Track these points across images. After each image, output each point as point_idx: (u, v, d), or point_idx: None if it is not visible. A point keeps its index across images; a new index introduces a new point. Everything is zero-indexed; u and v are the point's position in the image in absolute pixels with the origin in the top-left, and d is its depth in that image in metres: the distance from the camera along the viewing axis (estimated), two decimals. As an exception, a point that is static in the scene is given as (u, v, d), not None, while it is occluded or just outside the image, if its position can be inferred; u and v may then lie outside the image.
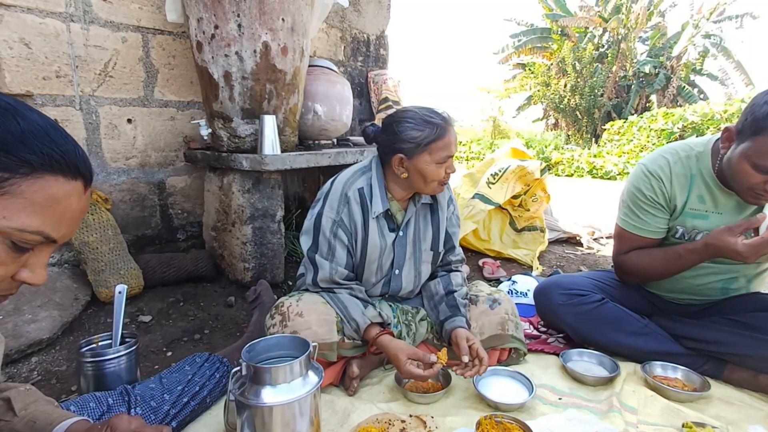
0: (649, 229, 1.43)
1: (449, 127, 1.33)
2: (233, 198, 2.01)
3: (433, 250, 1.50)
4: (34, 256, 0.56)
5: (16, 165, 0.50)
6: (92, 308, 1.76)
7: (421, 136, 1.31)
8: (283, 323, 1.30)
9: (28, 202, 0.52)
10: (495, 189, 2.81)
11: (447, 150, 1.32)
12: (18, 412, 0.79)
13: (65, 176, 0.54)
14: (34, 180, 0.52)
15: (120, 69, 1.98)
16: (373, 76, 3.39)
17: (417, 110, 1.35)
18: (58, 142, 0.55)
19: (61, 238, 0.57)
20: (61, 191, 0.54)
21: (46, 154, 0.53)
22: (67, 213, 0.56)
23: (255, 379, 0.99)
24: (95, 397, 1.07)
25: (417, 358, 1.25)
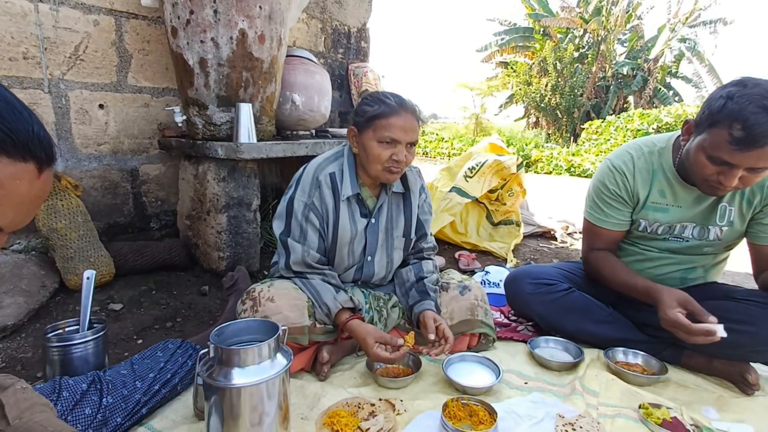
0: (613, 222, 1.48)
1: (401, 111, 1.31)
2: (208, 186, 1.99)
3: (405, 237, 1.52)
4: None
5: None
6: (60, 296, 1.73)
7: (369, 111, 1.33)
8: (254, 308, 1.30)
9: None
10: (472, 183, 2.86)
11: (389, 131, 1.30)
12: (12, 421, 0.75)
13: (10, 157, 0.50)
14: None
15: (91, 53, 1.93)
16: (353, 68, 3.39)
17: (382, 92, 1.38)
18: (6, 118, 0.50)
19: (8, 225, 0.52)
20: (3, 174, 0.49)
21: None
22: (12, 198, 0.51)
23: (223, 362, 0.99)
24: (68, 384, 1.06)
25: (384, 341, 1.27)
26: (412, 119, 1.34)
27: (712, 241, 1.42)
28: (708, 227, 1.41)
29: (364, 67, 3.41)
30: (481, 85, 17.40)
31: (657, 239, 1.48)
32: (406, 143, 1.33)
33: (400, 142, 1.32)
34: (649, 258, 1.51)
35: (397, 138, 1.31)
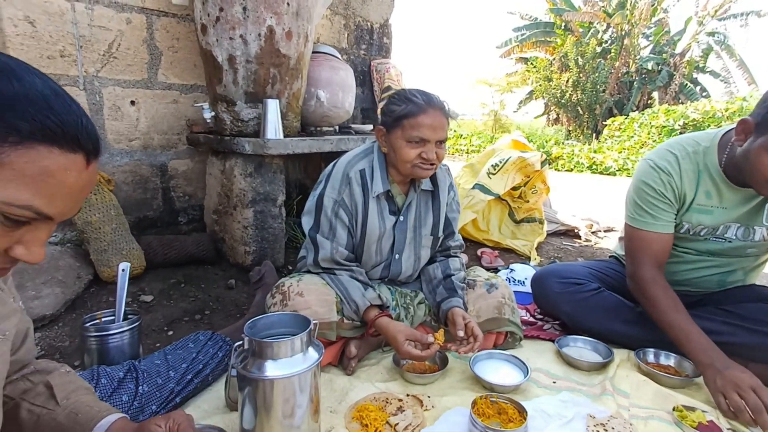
0: (662, 224, 1.38)
1: (429, 110, 1.29)
2: (235, 182, 2.02)
3: (432, 235, 1.52)
4: (31, 233, 0.53)
5: (4, 132, 0.47)
6: (94, 287, 1.78)
7: (397, 110, 1.32)
8: (283, 302, 1.32)
9: (17, 174, 0.48)
10: (495, 180, 2.83)
11: (418, 130, 1.29)
12: (60, 401, 0.78)
13: (61, 148, 0.50)
14: (25, 150, 0.48)
15: (124, 50, 1.98)
16: (375, 64, 3.39)
17: (408, 89, 1.37)
18: (57, 110, 0.50)
19: (57, 215, 0.53)
20: (54, 164, 0.50)
21: (39, 121, 0.48)
22: (63, 188, 0.51)
23: (257, 354, 1.01)
24: (106, 372, 1.09)
25: (415, 339, 1.27)
26: (440, 117, 1.32)
27: (757, 242, 1.37)
28: (753, 227, 1.35)
29: (386, 63, 3.41)
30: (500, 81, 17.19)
31: (697, 240, 1.42)
32: (436, 141, 1.32)
33: (429, 141, 1.31)
34: (686, 260, 1.46)
35: (426, 137, 1.30)
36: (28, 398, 0.80)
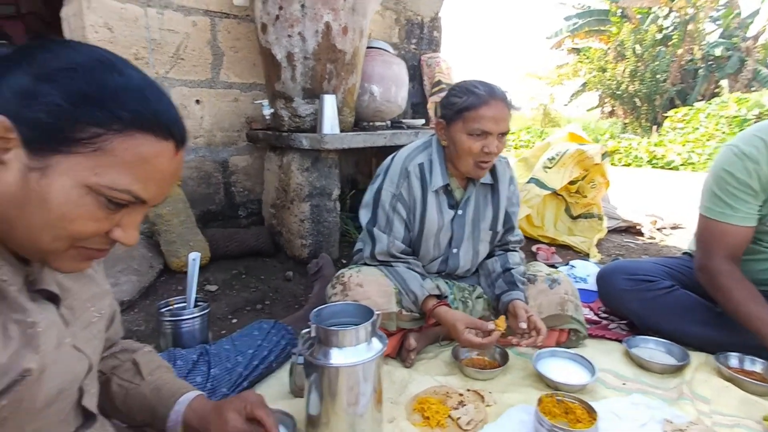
0: (741, 215, 1.28)
1: (491, 101, 1.26)
2: (292, 176, 2.07)
3: (492, 230, 1.48)
4: (127, 217, 0.56)
5: (109, 121, 0.51)
6: (164, 276, 1.89)
7: (458, 102, 1.30)
8: (344, 292, 1.34)
9: (119, 160, 0.52)
10: (551, 174, 2.73)
11: (480, 122, 1.26)
12: (145, 377, 0.83)
13: (156, 136, 0.54)
14: (125, 137, 0.52)
15: (190, 52, 2.08)
16: (426, 58, 3.36)
17: (470, 80, 1.34)
18: (152, 101, 0.54)
19: (151, 199, 0.57)
20: (150, 150, 0.54)
21: (138, 111, 0.52)
22: (156, 174, 0.55)
23: (323, 341, 1.03)
24: (182, 354, 1.16)
25: (475, 327, 1.25)
26: (503, 108, 1.29)
27: None
28: None
29: (436, 57, 3.37)
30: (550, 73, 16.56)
31: None
32: (497, 133, 1.29)
33: (491, 134, 1.28)
34: None
35: (488, 129, 1.27)
36: (117, 373, 0.86)
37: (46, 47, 0.55)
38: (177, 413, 0.83)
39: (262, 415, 0.82)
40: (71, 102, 0.51)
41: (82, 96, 0.51)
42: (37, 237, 0.53)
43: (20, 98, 0.51)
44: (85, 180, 0.52)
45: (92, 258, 0.59)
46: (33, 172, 0.51)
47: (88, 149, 0.51)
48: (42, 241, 0.53)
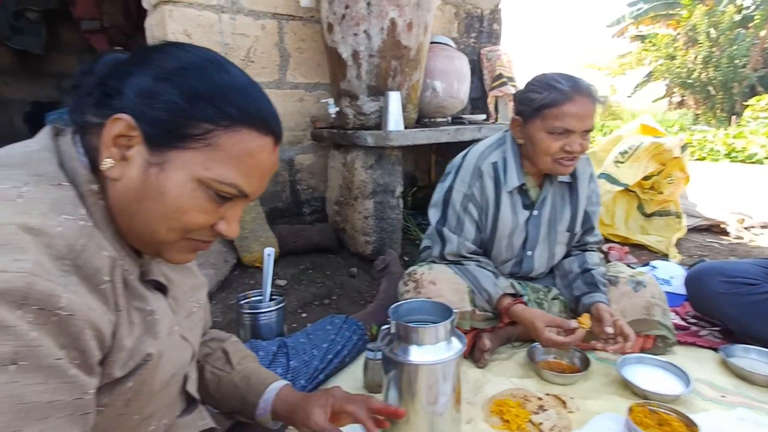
0: None
1: (576, 96, 1.18)
2: (356, 174, 2.09)
3: (569, 231, 1.41)
4: (231, 210, 0.59)
5: (218, 117, 0.54)
6: (237, 270, 1.98)
7: (537, 98, 1.23)
8: (416, 290, 1.33)
9: (226, 155, 0.54)
10: (624, 168, 2.57)
11: (562, 120, 1.18)
12: (235, 365, 0.87)
13: (258, 131, 0.56)
14: (233, 133, 0.54)
15: (259, 54, 2.16)
16: (485, 52, 3.27)
17: (550, 74, 1.27)
18: (255, 97, 0.57)
19: (252, 193, 0.59)
20: (254, 145, 0.56)
21: (243, 107, 0.55)
22: (258, 168, 0.58)
23: (403, 338, 1.03)
24: (262, 346, 1.21)
25: (555, 324, 1.20)
26: (588, 103, 1.20)
27: None
28: None
29: (496, 50, 3.27)
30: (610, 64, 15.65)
31: None
32: (581, 131, 1.21)
33: (575, 132, 1.20)
34: None
35: (571, 127, 1.19)
36: (209, 361, 0.91)
37: (161, 49, 0.59)
38: (266, 402, 0.86)
39: (353, 410, 0.83)
40: (186, 99, 0.54)
41: (195, 94, 0.54)
42: (154, 228, 0.56)
43: (142, 98, 0.54)
44: (197, 174, 0.54)
45: (198, 250, 0.62)
46: (152, 167, 0.54)
47: (200, 144, 0.54)
48: (158, 233, 0.56)
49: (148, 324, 0.59)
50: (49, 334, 0.45)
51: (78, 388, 0.48)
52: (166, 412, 0.69)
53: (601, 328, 1.20)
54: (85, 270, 0.50)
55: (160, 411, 0.67)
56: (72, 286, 0.47)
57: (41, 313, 0.44)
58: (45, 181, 0.52)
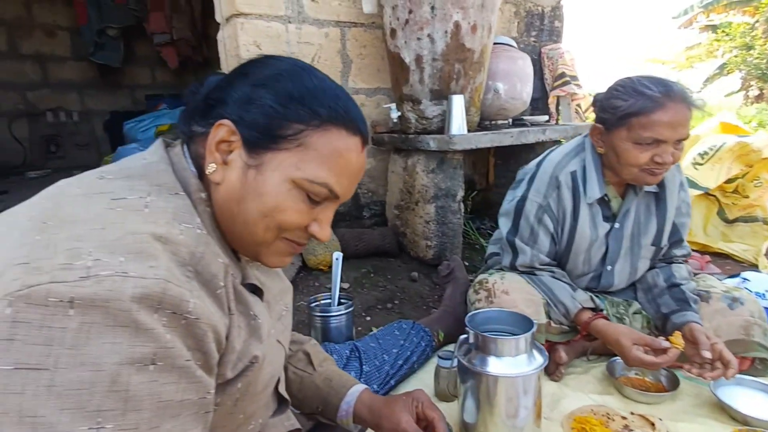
0: None
1: (669, 103, 1.08)
2: (417, 178, 2.09)
3: (655, 245, 1.31)
4: (323, 212, 0.60)
5: (309, 117, 0.56)
6: (302, 273, 2.03)
7: (622, 106, 1.13)
8: (488, 299, 1.30)
9: (317, 154, 0.56)
10: (704, 171, 2.38)
11: (651, 129, 1.08)
12: (316, 367, 0.89)
13: (347, 130, 0.58)
14: (323, 132, 0.56)
15: (323, 62, 2.21)
16: (546, 50, 3.16)
17: (637, 78, 1.17)
18: (343, 99, 0.59)
19: (342, 194, 0.60)
20: (343, 144, 0.57)
21: (333, 108, 0.57)
22: (347, 168, 0.58)
23: (481, 348, 1.01)
24: (336, 349, 1.23)
25: (644, 343, 1.12)
26: (682, 110, 1.09)
27: None
28: None
29: (558, 48, 3.15)
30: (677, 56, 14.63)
31: None
32: (674, 141, 1.11)
33: (666, 142, 1.10)
34: None
35: (663, 137, 1.09)
36: (292, 362, 0.93)
37: (257, 61, 0.62)
38: (348, 404, 0.88)
39: (435, 416, 0.83)
40: (280, 102, 0.56)
41: (288, 96, 0.57)
42: (253, 229, 0.58)
43: (241, 104, 0.58)
44: (291, 175, 0.56)
45: (293, 253, 0.63)
46: (250, 169, 0.57)
47: (293, 144, 0.56)
48: (257, 233, 0.58)
49: (252, 328, 0.61)
50: (180, 336, 0.47)
51: (202, 387, 0.50)
52: (263, 412, 0.72)
53: (696, 350, 1.10)
54: (204, 276, 0.53)
55: (259, 411, 0.69)
56: (195, 291, 0.50)
57: (173, 316, 0.46)
58: (165, 191, 0.55)
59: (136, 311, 0.43)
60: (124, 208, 0.50)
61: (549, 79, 3.16)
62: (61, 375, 0.40)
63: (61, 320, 0.41)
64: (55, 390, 0.40)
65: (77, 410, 0.41)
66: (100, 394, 0.41)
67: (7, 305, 0.40)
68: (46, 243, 0.45)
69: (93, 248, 0.44)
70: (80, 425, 0.41)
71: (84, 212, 0.49)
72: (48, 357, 0.40)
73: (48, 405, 0.40)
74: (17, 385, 0.39)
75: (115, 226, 0.47)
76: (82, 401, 0.41)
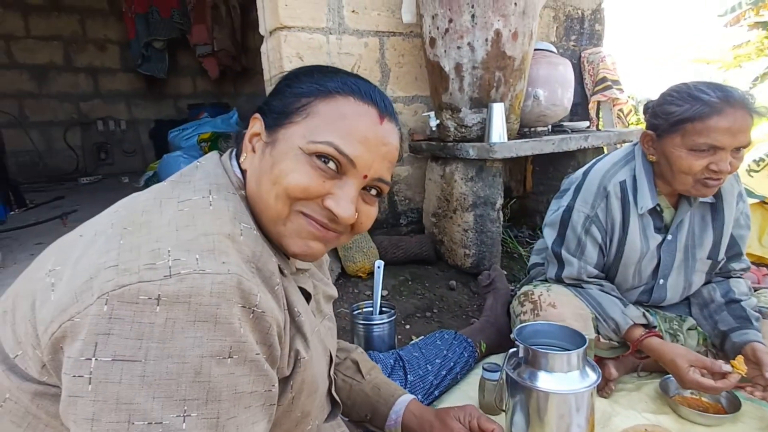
0: None
1: (727, 109, 1.03)
2: (455, 186, 2.08)
3: (711, 258, 1.25)
4: (339, 188, 0.58)
5: (317, 89, 0.59)
6: (341, 279, 2.06)
7: (677, 111, 1.09)
8: (534, 312, 1.28)
9: (322, 119, 0.58)
10: (760, 178, 2.26)
11: (708, 136, 1.04)
12: (365, 375, 0.91)
13: (356, 97, 0.59)
14: (330, 100, 0.58)
15: (362, 71, 2.24)
16: (587, 55, 3.09)
17: (693, 83, 1.13)
18: (356, 78, 0.62)
19: (356, 158, 0.57)
20: (350, 108, 0.58)
21: (342, 81, 0.60)
22: (357, 131, 0.57)
23: (531, 362, 0.99)
24: (380, 358, 1.24)
25: (702, 366, 1.07)
26: (743, 117, 1.05)
27: None
28: None
29: (598, 52, 3.08)
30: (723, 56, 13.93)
31: None
32: (733, 148, 1.06)
33: (724, 149, 1.05)
34: None
35: (720, 144, 1.05)
36: (341, 370, 0.95)
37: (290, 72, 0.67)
38: (397, 413, 0.89)
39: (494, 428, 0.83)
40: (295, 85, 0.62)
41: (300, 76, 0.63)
42: (267, 201, 0.59)
43: (270, 97, 0.64)
44: (298, 143, 0.58)
45: (315, 236, 0.60)
46: (267, 147, 0.60)
47: (302, 116, 0.59)
48: (270, 205, 0.58)
49: (297, 325, 0.63)
50: (251, 330, 0.50)
51: (269, 380, 0.53)
52: (318, 412, 0.73)
53: (759, 371, 1.05)
54: (264, 273, 0.55)
55: (314, 410, 0.70)
56: (259, 285, 0.53)
57: (244, 310, 0.49)
58: (223, 189, 0.60)
59: (216, 306, 0.46)
60: (191, 208, 0.54)
61: (589, 84, 3.08)
62: (151, 366, 0.44)
63: (149, 316, 0.44)
64: (147, 380, 0.44)
65: (166, 399, 0.44)
66: (185, 385, 0.45)
67: (104, 303, 0.44)
68: (129, 246, 0.49)
69: (171, 248, 0.48)
70: (169, 412, 0.44)
71: (158, 216, 0.53)
72: (140, 350, 0.44)
73: (141, 393, 0.43)
74: (116, 375, 0.43)
75: (188, 228, 0.51)
76: (170, 390, 0.44)
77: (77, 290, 0.46)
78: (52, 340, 0.47)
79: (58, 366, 0.47)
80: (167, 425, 0.44)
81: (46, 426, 0.52)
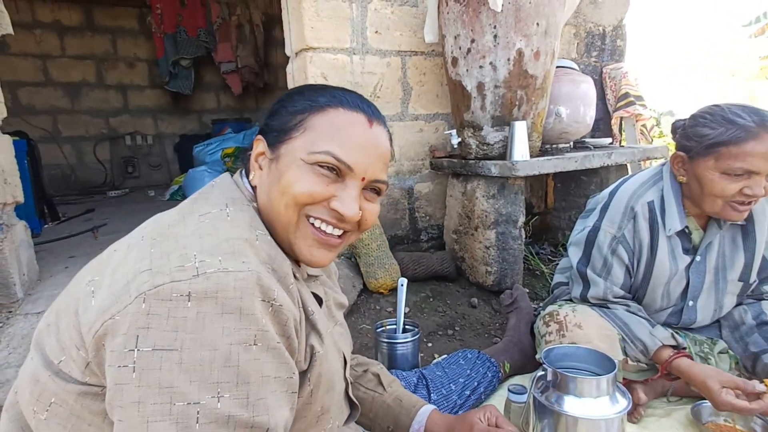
0: None
1: (764, 135, 1.03)
2: (477, 203, 2.09)
3: (742, 281, 1.23)
4: (342, 190, 0.65)
5: (310, 105, 0.66)
6: (363, 295, 2.07)
7: (711, 134, 1.09)
8: (560, 332, 1.27)
9: (318, 131, 0.64)
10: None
11: (743, 160, 1.04)
12: (386, 387, 0.94)
13: (345, 108, 0.66)
14: (323, 114, 0.65)
15: (385, 90, 2.28)
16: (608, 70, 3.08)
17: (726, 106, 1.12)
18: (343, 91, 0.69)
19: (354, 164, 0.64)
20: (342, 119, 0.65)
21: (331, 95, 0.67)
22: (351, 138, 0.65)
23: (559, 386, 0.99)
24: (403, 376, 1.25)
25: (735, 386, 1.05)
26: None
27: None
28: None
29: (620, 67, 3.07)
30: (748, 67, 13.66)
31: None
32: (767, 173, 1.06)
33: (759, 173, 1.05)
34: None
35: (756, 169, 1.05)
36: (362, 383, 0.98)
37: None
38: (419, 423, 0.91)
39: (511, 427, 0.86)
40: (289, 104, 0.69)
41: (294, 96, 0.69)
42: (278, 210, 0.65)
43: (267, 118, 0.71)
44: (299, 155, 0.64)
45: (324, 243, 0.67)
46: (272, 163, 0.67)
47: (299, 132, 0.65)
48: (281, 213, 0.65)
49: (311, 322, 0.67)
50: (271, 321, 0.55)
51: (290, 368, 0.58)
52: (338, 412, 0.77)
53: None
54: (279, 273, 0.60)
55: (334, 408, 0.74)
56: (276, 283, 0.58)
57: (265, 303, 0.54)
58: (238, 202, 0.66)
59: (240, 299, 0.52)
60: (211, 220, 0.61)
61: (611, 100, 3.07)
62: (187, 354, 0.49)
63: (182, 311, 0.50)
64: (183, 366, 0.49)
65: (202, 382, 0.50)
66: (217, 369, 0.50)
67: (141, 301, 0.50)
68: (160, 253, 0.55)
69: (197, 252, 0.55)
70: (205, 394, 0.49)
71: (182, 228, 0.60)
72: (176, 340, 0.50)
73: (180, 378, 0.49)
74: (156, 363, 0.49)
75: (211, 235, 0.58)
76: (204, 375, 0.50)
77: (116, 293, 0.53)
78: (95, 338, 0.52)
79: (101, 362, 0.53)
80: (204, 405, 0.49)
81: (89, 425, 0.57)
